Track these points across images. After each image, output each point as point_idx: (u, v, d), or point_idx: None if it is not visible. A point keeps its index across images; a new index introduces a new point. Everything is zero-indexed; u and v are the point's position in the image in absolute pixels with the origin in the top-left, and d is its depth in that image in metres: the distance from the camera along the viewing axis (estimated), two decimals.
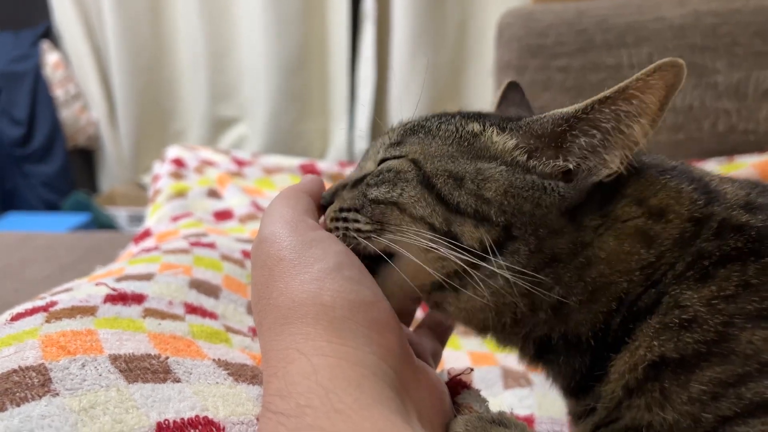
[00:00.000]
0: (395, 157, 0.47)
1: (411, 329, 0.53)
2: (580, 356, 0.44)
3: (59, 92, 2.73)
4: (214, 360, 0.47)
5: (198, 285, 0.69)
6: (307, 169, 1.62)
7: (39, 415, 0.35)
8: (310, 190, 0.47)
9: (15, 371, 0.39)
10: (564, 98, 1.35)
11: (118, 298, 0.57)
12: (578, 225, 0.42)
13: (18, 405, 0.35)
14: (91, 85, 2.80)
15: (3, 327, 0.47)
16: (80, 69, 2.80)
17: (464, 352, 0.85)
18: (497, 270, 0.41)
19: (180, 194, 1.34)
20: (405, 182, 0.44)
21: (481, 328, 0.47)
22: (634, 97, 0.40)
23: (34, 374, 0.38)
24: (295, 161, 1.68)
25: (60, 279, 0.77)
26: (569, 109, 0.42)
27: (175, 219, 1.20)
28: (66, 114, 2.75)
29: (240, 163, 1.63)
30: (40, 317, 0.49)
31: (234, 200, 1.34)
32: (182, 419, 0.38)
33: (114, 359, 0.42)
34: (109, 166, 2.98)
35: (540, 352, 0.47)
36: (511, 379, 0.76)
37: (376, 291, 0.40)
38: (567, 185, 0.42)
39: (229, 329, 0.61)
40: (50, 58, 2.73)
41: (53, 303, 0.52)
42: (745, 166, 1.14)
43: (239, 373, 0.46)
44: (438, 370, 0.49)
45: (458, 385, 0.47)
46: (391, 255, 0.44)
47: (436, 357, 0.52)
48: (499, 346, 0.49)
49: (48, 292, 0.62)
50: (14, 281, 1.20)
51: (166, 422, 0.37)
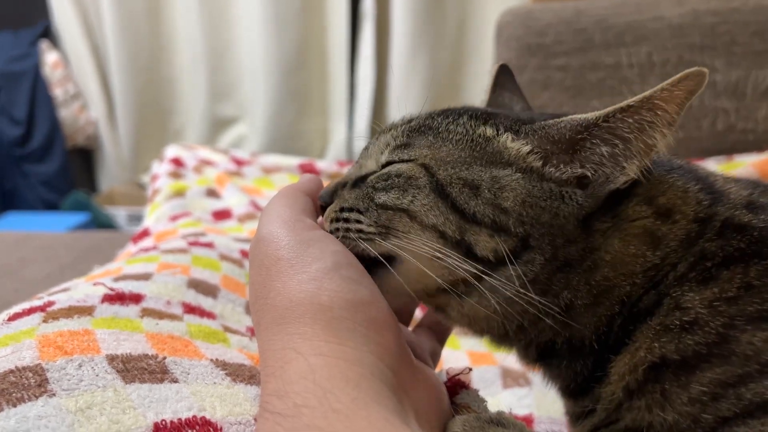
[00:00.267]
0: (403, 161, 0.45)
1: (410, 329, 0.53)
2: (583, 359, 0.44)
3: (58, 92, 2.72)
4: (212, 360, 0.47)
5: (196, 285, 0.69)
6: (306, 169, 1.61)
7: (35, 416, 0.34)
8: (309, 190, 0.47)
9: (12, 371, 0.39)
10: (563, 97, 1.35)
11: (116, 298, 0.56)
12: (589, 230, 0.42)
13: (14, 405, 0.35)
14: (90, 85, 2.80)
15: (0, 327, 0.47)
16: (79, 68, 2.80)
17: (463, 352, 0.85)
18: (507, 280, 0.41)
19: (179, 194, 1.34)
20: (416, 189, 0.43)
21: (482, 333, 0.47)
22: (659, 108, 0.39)
23: (31, 374, 0.38)
24: (294, 161, 1.68)
25: (59, 278, 0.77)
26: (590, 116, 0.41)
27: (174, 218, 1.20)
28: (65, 113, 2.75)
29: (239, 163, 1.62)
30: (38, 317, 0.49)
31: (233, 200, 1.34)
32: (179, 419, 0.38)
33: (111, 359, 0.42)
34: (108, 166, 2.98)
35: (542, 356, 0.47)
36: (510, 379, 0.76)
37: (374, 290, 0.39)
38: (584, 192, 0.41)
39: (227, 329, 0.60)
40: (49, 58, 2.72)
41: (51, 303, 0.52)
42: (744, 165, 1.14)
43: (237, 373, 0.46)
44: (437, 370, 0.49)
45: (457, 385, 0.47)
46: (390, 258, 0.43)
47: (435, 357, 0.51)
48: (496, 347, 0.49)
49: (46, 292, 0.62)
50: (14, 281, 1.20)
51: (164, 422, 0.37)
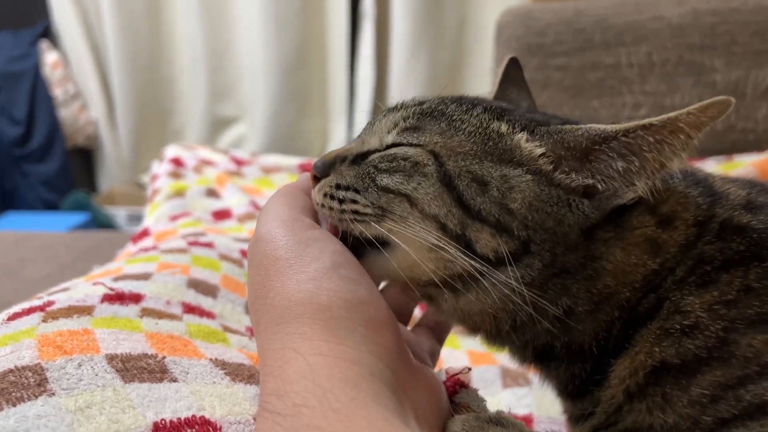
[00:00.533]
0: (411, 144, 0.44)
1: (409, 328, 0.53)
2: (581, 363, 0.44)
3: (58, 92, 2.72)
4: (212, 360, 0.47)
5: (196, 284, 0.69)
6: (306, 169, 1.61)
7: (35, 415, 0.34)
8: (307, 188, 0.46)
9: (11, 371, 0.39)
10: (563, 97, 1.35)
11: (116, 298, 0.56)
12: (591, 239, 0.41)
13: (14, 405, 0.35)
14: (90, 85, 2.80)
15: (0, 327, 0.47)
16: (79, 68, 2.80)
17: (463, 351, 0.84)
18: (506, 281, 0.40)
19: (178, 194, 1.34)
20: (422, 176, 0.42)
21: (475, 329, 0.47)
22: (682, 132, 0.38)
23: (31, 374, 0.38)
24: (294, 161, 1.68)
25: (59, 278, 0.77)
26: (609, 129, 0.40)
27: (174, 218, 1.20)
28: (65, 113, 2.75)
29: (239, 163, 1.62)
30: (37, 317, 0.49)
31: (233, 200, 1.34)
32: (179, 419, 0.38)
33: (110, 359, 0.42)
34: (108, 166, 2.98)
35: (539, 358, 0.47)
36: (510, 379, 0.76)
37: (373, 290, 0.39)
38: (591, 203, 0.41)
39: (227, 329, 0.60)
40: (49, 58, 2.72)
41: (50, 303, 0.52)
42: (744, 165, 1.14)
43: (236, 373, 0.46)
44: (436, 370, 0.49)
45: (456, 385, 0.47)
46: (384, 243, 0.42)
47: (434, 356, 0.51)
48: (490, 347, 0.49)
49: (45, 292, 0.62)
50: (13, 281, 1.20)
51: (163, 422, 0.37)
